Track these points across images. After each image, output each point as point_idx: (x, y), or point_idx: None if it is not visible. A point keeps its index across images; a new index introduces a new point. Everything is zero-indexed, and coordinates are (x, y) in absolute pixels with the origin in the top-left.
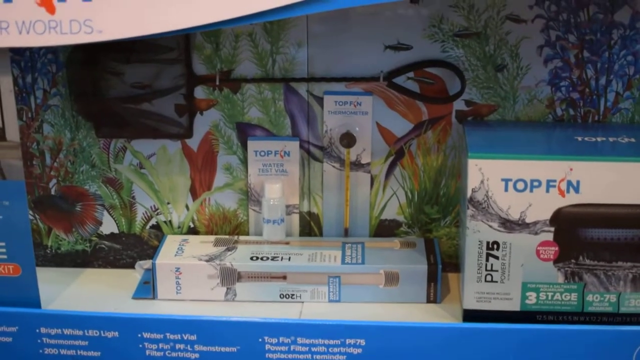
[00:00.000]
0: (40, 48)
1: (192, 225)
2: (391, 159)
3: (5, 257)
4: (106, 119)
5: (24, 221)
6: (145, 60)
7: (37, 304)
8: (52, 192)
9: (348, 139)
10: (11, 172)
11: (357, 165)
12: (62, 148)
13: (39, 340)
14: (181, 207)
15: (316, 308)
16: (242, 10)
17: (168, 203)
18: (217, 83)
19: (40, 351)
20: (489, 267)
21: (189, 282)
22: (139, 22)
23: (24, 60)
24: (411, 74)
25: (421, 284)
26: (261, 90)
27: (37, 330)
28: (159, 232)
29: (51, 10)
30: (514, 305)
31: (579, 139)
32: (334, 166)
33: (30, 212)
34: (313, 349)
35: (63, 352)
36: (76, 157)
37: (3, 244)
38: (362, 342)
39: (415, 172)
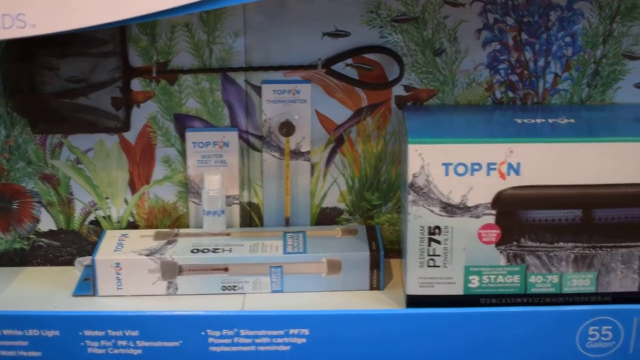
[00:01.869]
0: None
1: (131, 220)
2: (331, 146)
3: None
4: (42, 114)
5: None
6: (81, 54)
7: None
8: None
9: (287, 128)
10: None
11: (297, 153)
12: None
13: None
14: (120, 202)
15: (259, 299)
16: (174, 1)
17: (107, 198)
18: (154, 75)
19: None
20: (431, 252)
21: (129, 278)
22: (73, 15)
23: None
24: (349, 61)
25: (364, 271)
26: (198, 81)
27: None
28: (98, 227)
29: None
30: (457, 290)
31: (519, 121)
32: (273, 155)
33: None
34: (257, 340)
35: (3, 353)
36: (12, 154)
37: None
38: (306, 331)
39: (356, 159)
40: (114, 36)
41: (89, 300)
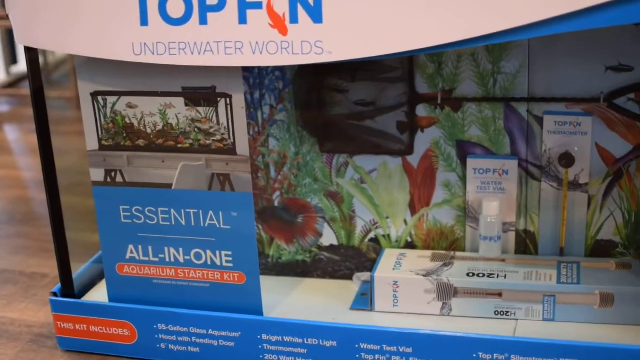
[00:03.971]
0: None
1: (409, 240)
2: (609, 179)
3: (231, 265)
4: (330, 134)
5: (251, 231)
6: (370, 79)
7: (260, 312)
8: (276, 204)
9: (567, 159)
10: (240, 185)
11: (574, 185)
12: (287, 162)
13: (260, 347)
14: (400, 222)
15: (530, 326)
16: (465, 33)
17: (387, 217)
18: (439, 102)
19: (261, 357)
20: None
21: (406, 296)
22: (367, 44)
23: (252, 77)
24: (632, 95)
25: (637, 306)
26: (482, 109)
27: (259, 337)
28: (377, 245)
29: (283, 31)
30: None
31: None
32: (551, 185)
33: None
34: None
35: (282, 359)
36: (300, 170)
37: (230, 252)
38: None
39: (634, 193)
40: (403, 63)
41: (365, 314)
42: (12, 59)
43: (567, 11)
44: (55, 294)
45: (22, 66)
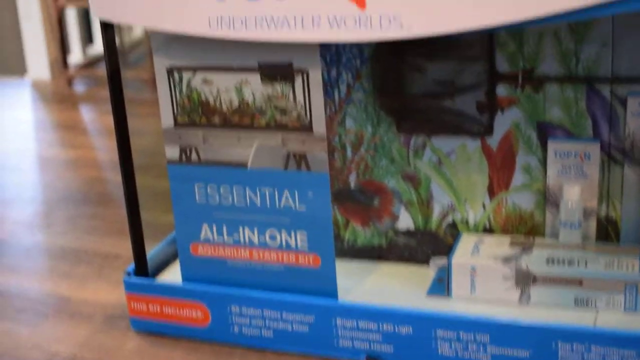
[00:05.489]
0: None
1: (487, 225)
2: None
3: (306, 247)
4: (408, 114)
5: (326, 213)
6: (449, 57)
7: (335, 295)
8: (352, 186)
9: None
10: (316, 164)
11: None
12: (363, 142)
13: (334, 332)
14: (478, 206)
15: (611, 316)
16: (548, 8)
17: (465, 201)
18: (520, 82)
19: (335, 342)
20: None
21: (483, 282)
22: (447, 19)
23: (329, 54)
24: None
25: None
26: (563, 89)
27: (333, 322)
28: (454, 229)
29: (362, 4)
30: None
31: None
32: (635, 170)
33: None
34: (607, 357)
35: (357, 344)
36: (376, 151)
37: (305, 234)
38: None
39: None
40: (483, 41)
41: (442, 300)
42: (88, 39)
43: None
44: (128, 274)
45: (97, 47)
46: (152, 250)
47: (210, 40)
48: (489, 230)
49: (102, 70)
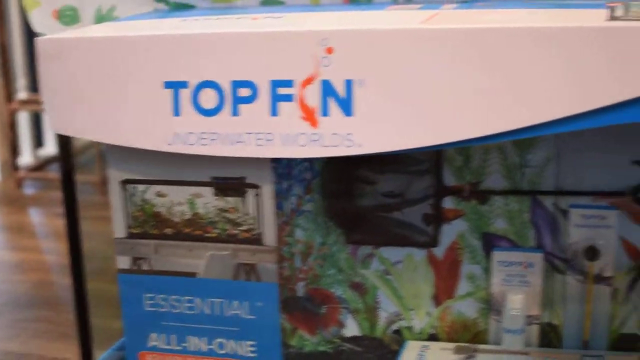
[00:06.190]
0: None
1: (432, 332)
2: (634, 273)
3: (254, 355)
4: (357, 225)
5: (275, 322)
6: (398, 171)
7: None
8: (300, 294)
9: (592, 253)
10: (265, 275)
11: (599, 278)
12: (312, 252)
13: None
14: (423, 314)
15: None
16: (492, 128)
17: (411, 309)
18: (466, 194)
19: None
20: None
21: None
22: (396, 138)
23: (280, 167)
24: None
25: None
26: (508, 202)
27: None
28: (399, 337)
29: (314, 124)
30: None
31: None
32: (576, 278)
33: None
34: None
35: None
36: (325, 260)
37: (254, 342)
38: None
39: None
40: (431, 156)
41: None
42: (38, 142)
43: (594, 107)
44: None
45: (48, 149)
46: (101, 356)
47: (165, 154)
48: (434, 337)
49: (52, 173)
